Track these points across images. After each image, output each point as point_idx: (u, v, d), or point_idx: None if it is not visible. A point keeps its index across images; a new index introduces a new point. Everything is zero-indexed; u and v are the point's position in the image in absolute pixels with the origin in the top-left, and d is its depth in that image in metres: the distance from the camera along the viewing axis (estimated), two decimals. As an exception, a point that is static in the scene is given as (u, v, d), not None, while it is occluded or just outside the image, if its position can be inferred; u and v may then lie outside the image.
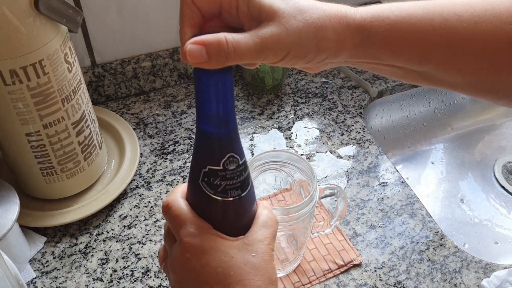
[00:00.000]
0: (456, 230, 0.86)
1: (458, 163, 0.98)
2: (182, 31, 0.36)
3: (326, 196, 0.58)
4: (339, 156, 0.79)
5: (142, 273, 0.63)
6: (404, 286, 0.62)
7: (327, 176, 0.76)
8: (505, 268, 0.64)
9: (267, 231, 0.41)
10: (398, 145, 0.99)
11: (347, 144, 0.81)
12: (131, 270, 0.64)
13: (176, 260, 0.39)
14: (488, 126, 1.05)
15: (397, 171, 0.77)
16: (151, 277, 0.63)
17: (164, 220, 0.69)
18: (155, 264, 0.64)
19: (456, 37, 0.36)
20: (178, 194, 0.42)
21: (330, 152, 0.80)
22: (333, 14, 0.36)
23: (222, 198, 0.39)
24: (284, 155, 0.58)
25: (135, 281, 0.62)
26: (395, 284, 0.62)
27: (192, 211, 0.40)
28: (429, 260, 0.65)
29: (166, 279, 0.63)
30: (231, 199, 0.39)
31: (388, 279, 0.63)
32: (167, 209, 0.41)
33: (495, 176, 0.95)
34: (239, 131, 0.40)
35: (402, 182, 0.75)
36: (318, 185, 0.56)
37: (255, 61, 0.36)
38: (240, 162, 0.39)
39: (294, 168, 0.58)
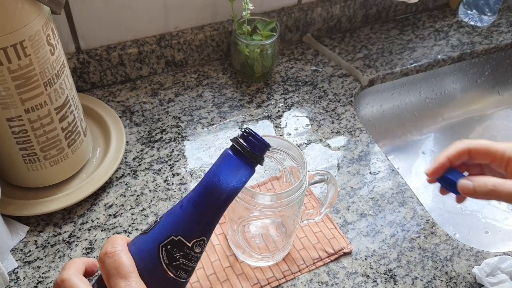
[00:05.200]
0: (447, 220, 0.86)
1: (449, 153, 0.97)
2: (439, 163, 0.54)
3: (316, 182, 0.56)
4: (329, 145, 0.78)
5: (128, 262, 0.62)
6: (395, 274, 0.61)
7: (317, 164, 0.75)
8: (496, 255, 0.63)
9: None
10: (389, 135, 0.98)
11: (337, 132, 0.80)
12: (116, 260, 0.62)
13: None
14: (479, 116, 1.05)
15: (388, 159, 0.76)
16: (137, 266, 0.61)
17: (151, 209, 0.67)
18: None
19: None
20: (72, 271, 0.39)
21: (321, 141, 0.79)
22: None
23: (169, 272, 0.38)
24: (274, 141, 0.57)
25: (120, 270, 0.61)
26: (385, 272, 0.62)
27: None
28: (420, 248, 0.64)
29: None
30: (174, 278, 0.38)
31: (379, 267, 0.62)
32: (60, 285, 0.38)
33: (485, 166, 0.94)
34: (227, 120, 0.39)
35: (393, 170, 0.74)
36: (308, 172, 0.55)
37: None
38: (203, 250, 0.39)
39: (284, 155, 0.57)
